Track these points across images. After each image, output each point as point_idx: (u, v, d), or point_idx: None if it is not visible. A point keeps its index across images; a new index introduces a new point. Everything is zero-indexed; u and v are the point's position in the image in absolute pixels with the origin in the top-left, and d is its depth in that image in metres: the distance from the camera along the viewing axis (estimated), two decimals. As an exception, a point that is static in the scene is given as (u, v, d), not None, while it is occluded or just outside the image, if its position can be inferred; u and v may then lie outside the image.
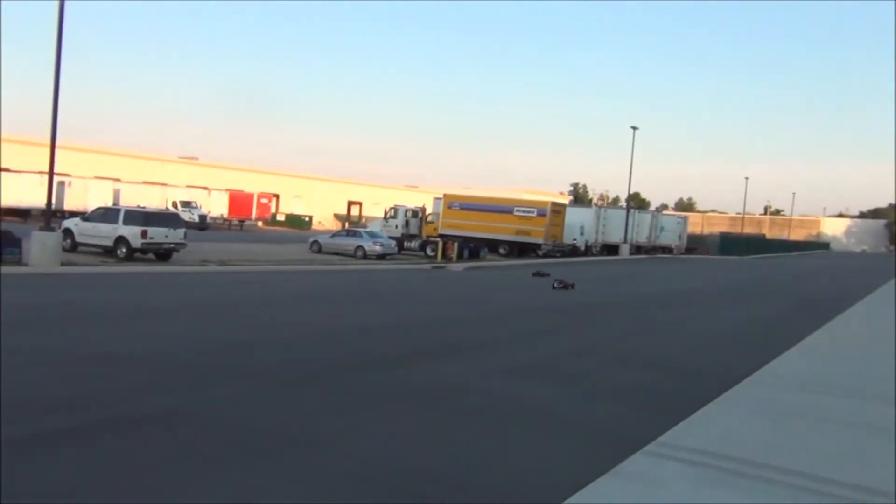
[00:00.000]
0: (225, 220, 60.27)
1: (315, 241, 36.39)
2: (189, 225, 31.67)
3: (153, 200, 48.50)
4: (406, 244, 40.78)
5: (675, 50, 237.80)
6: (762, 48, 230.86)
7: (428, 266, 31.39)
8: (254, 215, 63.71)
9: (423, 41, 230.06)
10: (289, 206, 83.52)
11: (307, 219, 76.78)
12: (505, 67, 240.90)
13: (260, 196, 65.14)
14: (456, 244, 37.94)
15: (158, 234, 24.20)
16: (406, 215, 45.78)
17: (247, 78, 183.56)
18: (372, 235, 36.42)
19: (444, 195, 49.13)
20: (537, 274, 26.30)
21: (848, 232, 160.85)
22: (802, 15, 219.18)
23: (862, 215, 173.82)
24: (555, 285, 21.51)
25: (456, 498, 4.97)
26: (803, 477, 5.54)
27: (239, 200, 62.30)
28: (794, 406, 7.94)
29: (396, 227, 44.69)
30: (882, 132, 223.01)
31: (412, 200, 67.65)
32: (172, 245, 24.89)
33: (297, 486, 4.96)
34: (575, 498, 4.95)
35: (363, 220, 77.11)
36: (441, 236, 42.96)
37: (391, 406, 7.33)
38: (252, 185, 72.69)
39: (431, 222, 47.61)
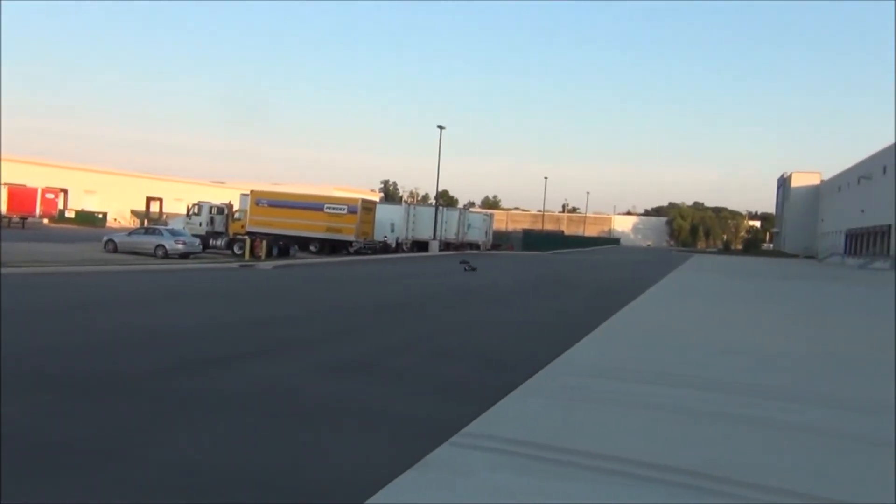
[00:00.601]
0: (3, 216, 54.49)
1: (110, 240, 33.82)
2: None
3: None
4: (211, 242, 39.12)
5: (479, 51, 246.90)
6: (557, 50, 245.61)
7: (235, 265, 30.28)
8: (38, 212, 58.07)
9: (230, 34, 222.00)
10: (80, 202, 77.25)
11: (101, 216, 71.43)
12: (315, 64, 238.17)
13: (45, 191, 59.43)
14: (265, 242, 36.90)
15: None
16: (211, 212, 43.87)
17: (29, 60, 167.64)
18: (174, 233, 34.47)
19: (252, 191, 47.67)
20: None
21: (635, 228, 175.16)
22: (592, 16, 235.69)
23: (647, 213, 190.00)
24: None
25: (271, 499, 4.81)
26: (599, 458, 5.91)
27: (19, 195, 56.39)
28: (589, 391, 8.47)
29: (201, 224, 42.71)
30: (663, 138, 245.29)
31: (218, 197, 65.01)
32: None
33: (97, 497, 4.58)
34: (382, 492, 4.96)
35: (164, 217, 72.99)
36: (249, 234, 41.65)
37: (201, 411, 6.98)
38: (37, 178, 66.18)
39: (239, 219, 46.04)
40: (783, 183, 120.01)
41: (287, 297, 18.78)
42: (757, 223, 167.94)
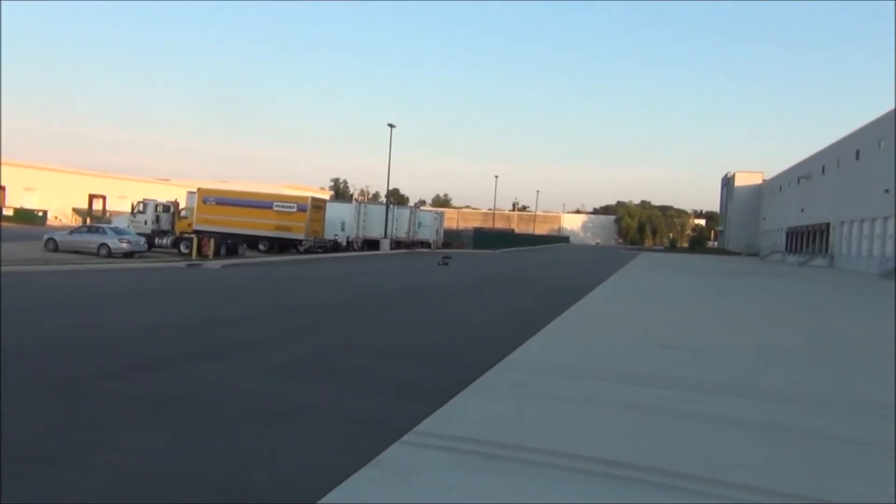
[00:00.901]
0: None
1: (51, 239, 32.86)
2: None
3: None
4: (157, 241, 38.36)
5: (430, 50, 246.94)
6: (507, 50, 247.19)
7: (182, 264, 29.73)
8: (-27, 210, 56.07)
9: (177, 30, 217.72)
10: (18, 199, 74.84)
11: (41, 214, 69.32)
12: (266, 61, 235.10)
13: (-20, 188, 57.46)
14: (212, 240, 36.31)
15: None
16: (157, 210, 42.90)
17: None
18: (118, 232, 33.66)
19: (199, 189, 46.82)
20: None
21: (584, 227, 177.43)
22: (542, 16, 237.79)
23: (595, 212, 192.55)
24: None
25: (217, 502, 4.75)
26: (550, 455, 5.98)
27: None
28: (539, 389, 8.55)
29: (146, 223, 41.74)
30: (611, 138, 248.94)
31: (164, 195, 63.70)
32: None
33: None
34: (334, 492, 4.94)
35: (107, 215, 71.18)
36: (196, 232, 40.93)
37: (146, 414, 6.84)
38: (-29, 175, 63.92)
39: (185, 217, 45.16)
40: (727, 182, 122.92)
41: (235, 297, 18.52)
42: (702, 221, 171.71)
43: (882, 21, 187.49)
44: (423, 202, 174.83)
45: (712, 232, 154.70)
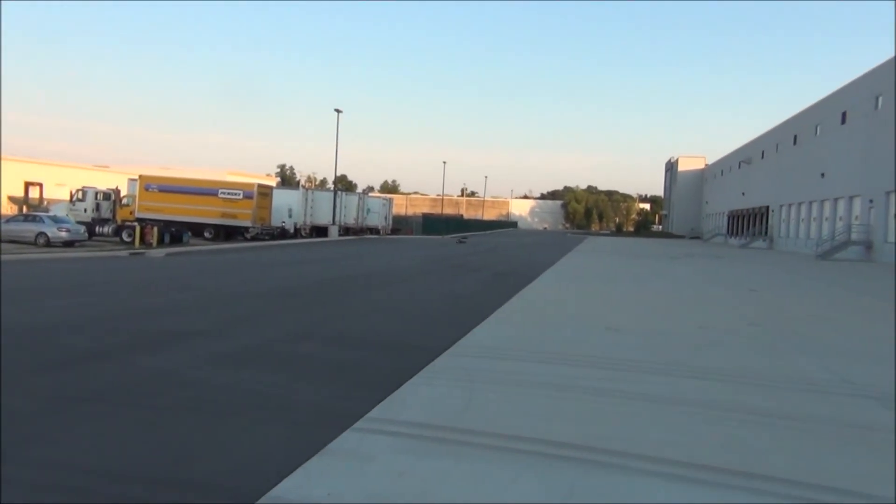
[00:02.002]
0: None
1: (-16, 228, 31.84)
2: None
3: None
4: (98, 230, 37.47)
5: (376, 37, 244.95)
6: (451, 38, 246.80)
7: (125, 253, 29.08)
8: None
9: (122, 11, 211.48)
10: (-53, 187, 71.97)
11: (-27, 202, 66.89)
12: (206, 45, 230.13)
13: None
14: (156, 229, 35.58)
15: None
16: (97, 198, 41.82)
17: None
18: (56, 220, 32.75)
19: (140, 176, 45.74)
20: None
21: (532, 212, 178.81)
22: (483, 3, 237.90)
23: (543, 197, 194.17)
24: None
25: (164, 496, 4.69)
26: (500, 438, 6.06)
27: None
28: (488, 373, 8.64)
29: (86, 211, 40.69)
30: (557, 123, 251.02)
31: (103, 182, 62.03)
32: None
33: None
34: (286, 481, 4.93)
35: (45, 203, 68.98)
36: (138, 220, 40.05)
37: (86, 406, 6.69)
38: None
39: (127, 205, 44.12)
40: (671, 167, 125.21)
41: (180, 286, 18.19)
42: (647, 206, 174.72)
43: (822, 5, 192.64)
44: (371, 188, 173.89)
45: (657, 216, 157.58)
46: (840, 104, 53.12)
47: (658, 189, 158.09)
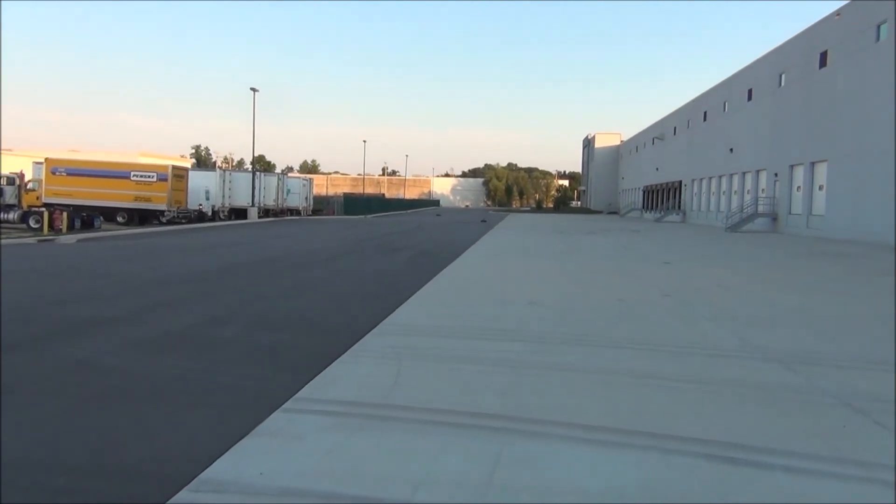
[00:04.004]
0: None
1: None
2: None
3: None
4: (3, 216, 35.83)
5: (293, 10, 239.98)
6: (372, 16, 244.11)
7: (33, 240, 27.89)
8: None
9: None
10: None
11: None
12: (112, 22, 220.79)
13: None
14: (65, 214, 34.22)
15: None
16: (0, 183, 39.92)
17: None
18: (-44, 208, 31.13)
19: (46, 159, 43.83)
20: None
21: (454, 190, 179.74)
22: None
23: (464, 175, 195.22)
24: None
25: (91, 483, 4.65)
26: (427, 412, 6.22)
27: None
28: (414, 350, 8.79)
29: (-12, 196, 38.81)
30: (475, 101, 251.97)
31: (6, 166, 59.05)
32: None
33: None
34: (218, 462, 4.96)
35: (-58, 189, 65.26)
36: (46, 205, 38.42)
37: (5, 399, 6.48)
38: None
39: (33, 190, 42.27)
40: (588, 144, 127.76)
41: (95, 272, 17.62)
42: (566, 182, 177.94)
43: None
44: (290, 169, 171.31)
45: (575, 192, 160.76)
46: (746, 82, 55.24)
47: (576, 165, 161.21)
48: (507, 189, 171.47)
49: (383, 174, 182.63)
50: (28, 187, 42.28)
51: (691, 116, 71.55)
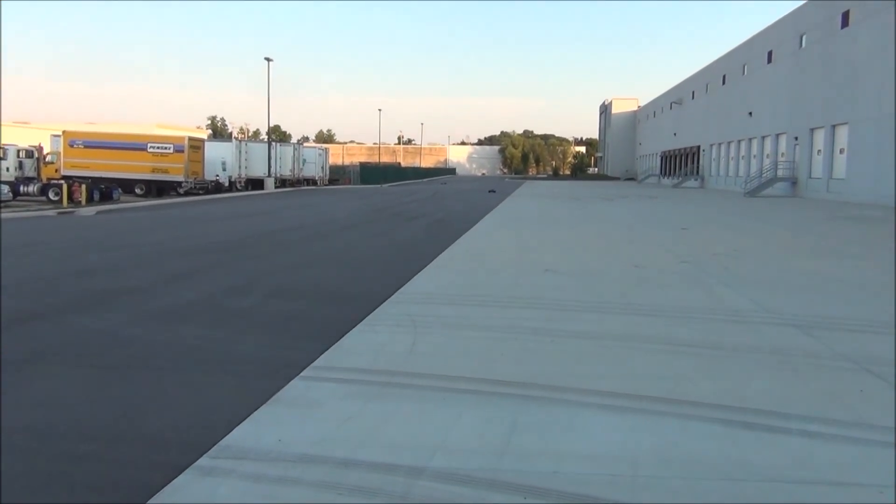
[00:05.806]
0: None
1: None
2: None
3: None
4: (22, 189, 36.12)
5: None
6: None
7: (53, 212, 28.18)
8: None
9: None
10: None
11: None
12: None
13: None
14: (84, 186, 34.47)
15: None
16: (19, 156, 40.20)
17: None
18: (-23, 181, 31.46)
19: (64, 132, 44.09)
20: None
21: (470, 158, 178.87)
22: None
23: (480, 143, 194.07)
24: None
25: (116, 451, 4.73)
26: (444, 379, 6.26)
27: None
28: (431, 318, 8.82)
29: (8, 170, 39.10)
30: (491, 68, 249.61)
31: (24, 139, 59.49)
32: None
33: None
34: (238, 430, 5.03)
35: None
36: (65, 178, 38.71)
37: (27, 368, 6.61)
38: None
39: (52, 163, 42.56)
40: (605, 110, 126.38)
41: (114, 244, 17.80)
42: (582, 149, 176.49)
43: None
44: (306, 139, 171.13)
45: (592, 158, 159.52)
46: (766, 43, 54.25)
47: (593, 132, 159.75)
48: (523, 156, 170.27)
49: (399, 143, 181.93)
50: (47, 160, 42.59)
51: (710, 80, 70.48)
